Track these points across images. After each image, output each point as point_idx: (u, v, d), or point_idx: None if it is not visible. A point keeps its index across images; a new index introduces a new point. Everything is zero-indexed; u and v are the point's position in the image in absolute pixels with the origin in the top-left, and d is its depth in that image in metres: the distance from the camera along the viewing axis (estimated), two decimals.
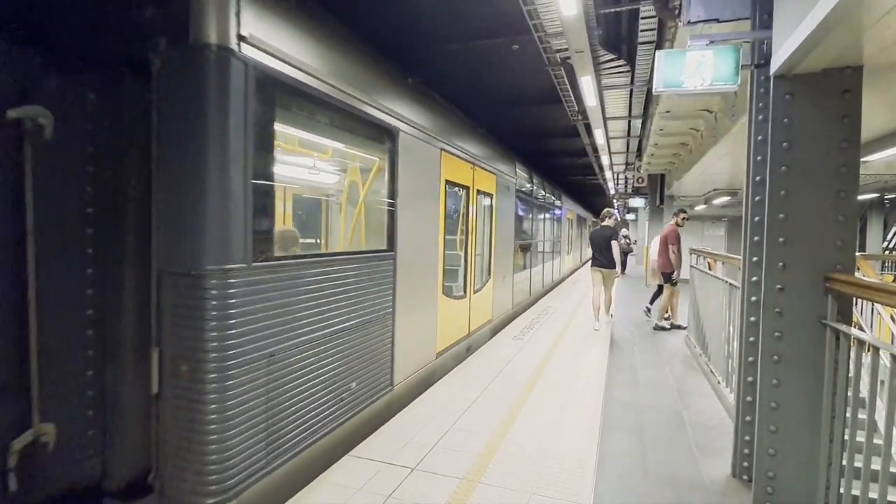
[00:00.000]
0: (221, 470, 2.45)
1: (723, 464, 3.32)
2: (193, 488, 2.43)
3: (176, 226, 2.49)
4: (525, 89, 9.89)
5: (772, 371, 2.70)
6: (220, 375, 2.45)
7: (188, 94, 2.42)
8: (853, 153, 2.58)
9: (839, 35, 2.16)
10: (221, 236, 2.46)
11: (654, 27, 5.51)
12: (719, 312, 4.81)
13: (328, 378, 3.30)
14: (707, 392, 4.87)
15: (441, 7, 6.59)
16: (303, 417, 3.05)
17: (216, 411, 2.43)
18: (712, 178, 11.26)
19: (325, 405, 3.28)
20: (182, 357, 2.45)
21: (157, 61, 2.46)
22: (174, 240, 2.49)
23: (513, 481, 3.03)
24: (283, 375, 2.86)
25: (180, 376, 2.45)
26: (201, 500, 2.42)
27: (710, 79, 2.95)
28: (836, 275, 2.52)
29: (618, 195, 22.36)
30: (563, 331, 7.59)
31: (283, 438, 2.88)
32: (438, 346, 5.36)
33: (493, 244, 7.55)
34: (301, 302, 3.01)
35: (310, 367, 3.11)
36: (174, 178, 2.48)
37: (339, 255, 3.55)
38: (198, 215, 2.43)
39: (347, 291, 3.51)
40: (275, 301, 2.78)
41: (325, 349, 3.26)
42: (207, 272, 2.41)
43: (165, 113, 2.48)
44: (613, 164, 15.28)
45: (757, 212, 2.94)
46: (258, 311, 2.66)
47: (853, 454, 2.30)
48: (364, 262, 3.75)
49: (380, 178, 4.19)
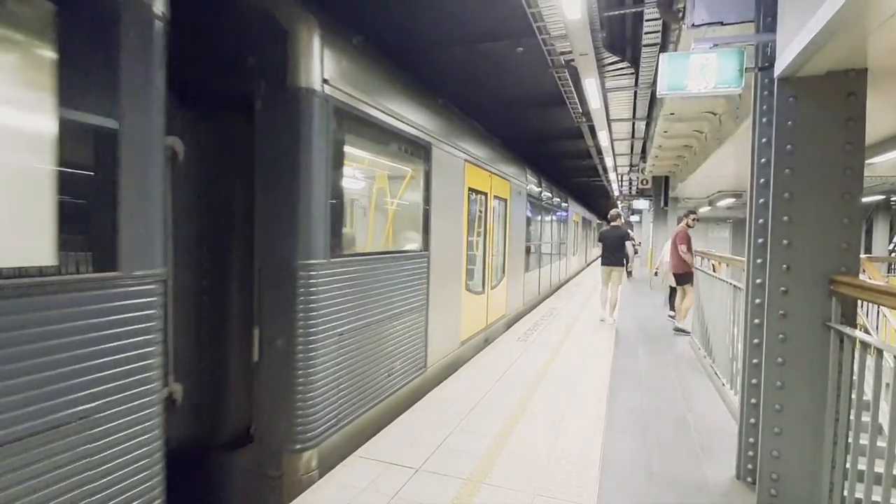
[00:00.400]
0: (306, 423, 3.09)
1: (727, 466, 3.32)
2: (285, 438, 3.06)
3: (273, 230, 3.11)
4: (529, 91, 9.91)
5: (776, 373, 2.70)
6: (305, 349, 3.09)
7: (283, 126, 3.05)
8: (858, 155, 2.58)
9: (844, 38, 2.16)
10: (308, 237, 3.10)
11: (659, 30, 5.51)
12: (724, 314, 4.81)
13: (380, 356, 3.97)
14: (711, 394, 4.86)
15: (445, 10, 6.62)
16: (362, 387, 3.69)
17: (302, 377, 3.07)
18: (717, 180, 11.24)
19: (378, 379, 3.94)
20: (277, 333, 3.08)
21: (259, 100, 3.08)
22: (272, 241, 3.11)
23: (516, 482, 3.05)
24: (348, 351, 3.50)
25: (275, 349, 3.08)
26: (291, 446, 3.06)
27: (713, 82, 2.95)
28: (840, 277, 2.52)
29: (622, 197, 22.33)
30: (566, 333, 7.60)
31: (348, 403, 3.51)
32: (462, 336, 6.02)
33: (508, 245, 8.20)
34: (361, 291, 3.68)
35: (367, 345, 3.76)
36: (272, 192, 3.11)
37: (389, 254, 4.26)
38: (291, 221, 3.07)
39: (394, 284, 4.20)
40: (343, 289, 3.44)
41: (378, 332, 3.92)
42: (298, 265, 3.05)
43: (265, 140, 3.10)
44: (617, 165, 15.28)
45: (761, 214, 2.93)
46: (332, 297, 3.30)
47: (857, 457, 2.29)
48: (407, 260, 4.48)
49: (417, 187, 4.83)
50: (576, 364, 5.80)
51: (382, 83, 3.98)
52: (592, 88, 6.80)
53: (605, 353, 6.35)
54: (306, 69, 3.03)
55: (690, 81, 3.01)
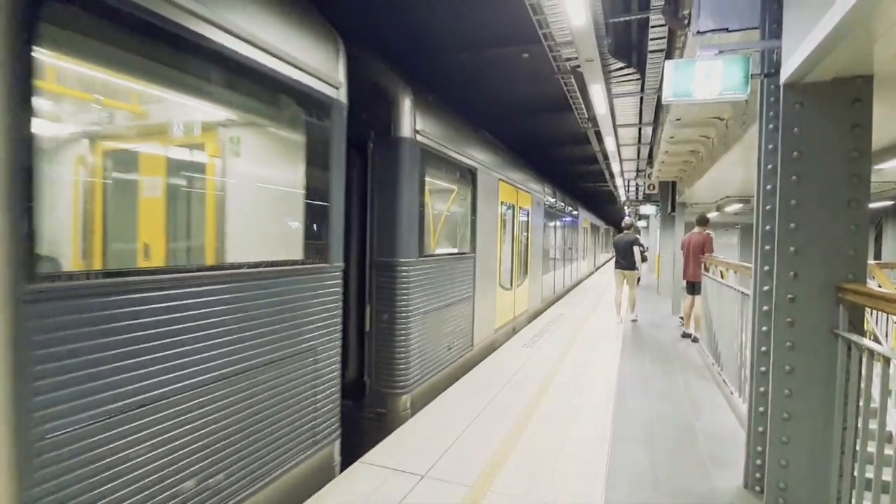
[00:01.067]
0: (404, 375, 4.39)
1: (734, 475, 3.29)
2: (389, 385, 4.37)
3: (381, 236, 4.40)
4: (535, 97, 9.93)
5: (784, 381, 2.68)
6: (402, 322, 4.39)
7: (388, 163, 4.39)
8: (864, 162, 2.57)
9: (850, 44, 2.16)
10: (405, 242, 4.39)
11: (664, 36, 5.51)
12: (731, 322, 4.77)
13: (444, 334, 5.27)
14: (719, 402, 4.82)
15: (451, 17, 6.66)
16: (433, 355, 4.99)
17: (401, 342, 4.39)
18: (724, 185, 11.14)
19: (442, 351, 5.24)
20: (383, 310, 4.38)
21: (371, 144, 4.41)
22: (381, 244, 4.41)
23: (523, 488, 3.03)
24: (427, 328, 4.80)
25: (382, 321, 4.38)
26: (393, 391, 4.36)
27: (719, 88, 2.95)
28: (848, 285, 2.50)
29: (629, 202, 22.23)
30: (572, 339, 7.57)
31: (427, 365, 4.83)
32: (496, 324, 7.34)
33: (530, 249, 9.62)
34: (434, 283, 4.97)
35: (437, 325, 5.07)
36: (381, 208, 4.40)
37: (451, 255, 5.62)
38: (393, 230, 4.37)
39: (454, 278, 5.53)
40: (425, 281, 4.74)
41: (443, 315, 5.22)
42: (399, 262, 4.37)
43: (375, 172, 4.40)
44: (624, 171, 15.21)
45: (768, 221, 2.92)
46: (419, 286, 4.62)
47: (865, 465, 2.27)
48: (462, 260, 5.83)
49: (466, 202, 6.23)
50: (582, 370, 5.78)
51: (446, 127, 5.30)
52: (598, 94, 6.80)
53: (611, 360, 6.32)
54: (404, 125, 4.40)
55: (696, 88, 3.00)
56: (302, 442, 2.97)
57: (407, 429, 3.99)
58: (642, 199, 18.77)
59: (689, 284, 7.72)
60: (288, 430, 2.85)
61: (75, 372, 1.74)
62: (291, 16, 2.87)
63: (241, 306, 2.49)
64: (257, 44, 2.55)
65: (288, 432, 2.85)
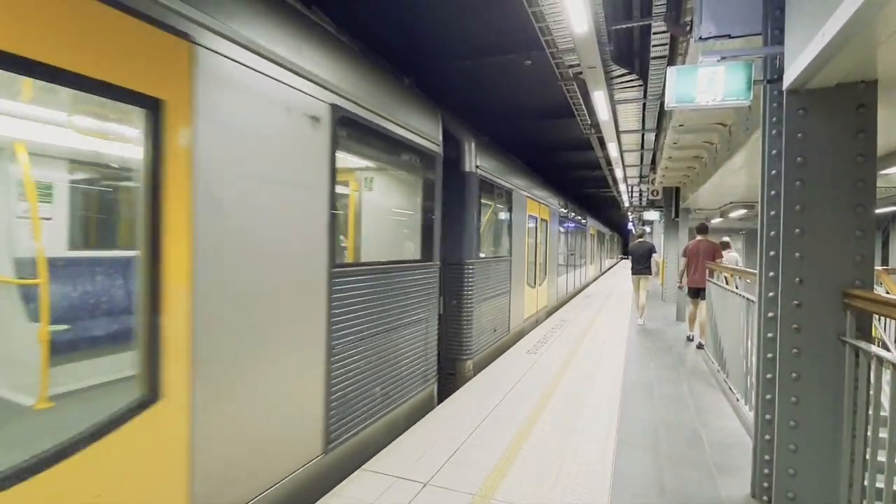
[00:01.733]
0: (468, 346, 6.03)
1: (741, 483, 3.25)
2: (457, 352, 6.02)
3: (451, 243, 5.78)
4: (539, 103, 9.96)
5: (790, 388, 2.65)
6: (467, 308, 6.02)
7: (457, 190, 5.89)
8: (870, 167, 2.55)
9: (853, 50, 2.15)
10: (469, 247, 6.02)
11: (667, 42, 5.52)
12: (737, 328, 4.74)
13: (490, 320, 6.86)
14: (725, 409, 4.78)
15: (455, 24, 6.70)
16: (483, 334, 6.53)
17: (467, 323, 6.02)
18: (728, 190, 11.09)
19: (488, 333, 6.78)
20: (452, 298, 5.97)
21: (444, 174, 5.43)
22: (451, 249, 5.81)
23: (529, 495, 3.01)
24: (482, 314, 6.46)
25: (452, 306, 5.97)
26: (461, 357, 6.02)
27: (722, 94, 2.94)
28: (854, 291, 2.48)
29: (632, 208, 22.20)
30: (576, 345, 7.54)
31: (481, 340, 6.45)
32: (525, 314, 8.99)
33: (548, 254, 11.26)
34: (486, 278, 6.61)
35: (487, 312, 6.70)
36: (450, 223, 5.57)
37: (497, 257, 7.42)
38: (460, 237, 5.97)
39: (498, 275, 7.18)
40: (481, 277, 6.36)
41: (490, 304, 6.84)
42: (465, 262, 6.00)
43: (447, 197, 5.27)
44: (627, 177, 15.20)
45: (773, 226, 2.90)
46: (478, 280, 6.24)
47: (874, 474, 2.24)
48: (503, 262, 7.55)
49: (505, 216, 7.89)
50: (586, 376, 5.75)
51: (495, 161, 6.98)
52: (601, 100, 6.81)
53: (616, 366, 6.28)
54: (469, 162, 6.02)
55: (699, 94, 3.00)
56: (421, 377, 4.55)
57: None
58: (646, 205, 18.73)
59: (692, 290, 7.70)
60: (414, 369, 4.40)
61: (344, 309, 3.34)
62: (416, 101, 4.56)
63: (394, 287, 4.03)
64: (411, 128, 4.35)
65: (415, 370, 4.41)
